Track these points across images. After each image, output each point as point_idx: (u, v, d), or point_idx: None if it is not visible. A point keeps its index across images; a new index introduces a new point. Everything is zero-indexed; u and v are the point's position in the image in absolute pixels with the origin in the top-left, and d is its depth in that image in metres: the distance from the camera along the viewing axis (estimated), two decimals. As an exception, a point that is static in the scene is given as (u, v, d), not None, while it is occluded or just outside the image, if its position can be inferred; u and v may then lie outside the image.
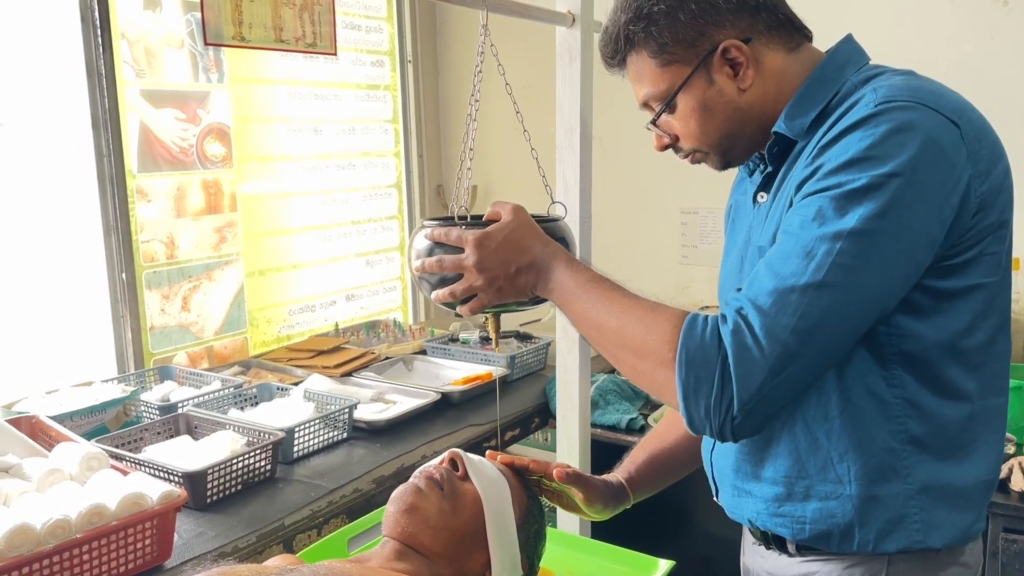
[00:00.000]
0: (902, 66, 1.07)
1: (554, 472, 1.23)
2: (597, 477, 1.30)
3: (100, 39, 2.24)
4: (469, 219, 1.20)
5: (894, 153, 0.91)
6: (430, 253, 1.14)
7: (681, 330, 0.95)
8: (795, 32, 1.10)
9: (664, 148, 1.18)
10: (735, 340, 0.92)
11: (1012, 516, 1.76)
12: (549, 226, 1.19)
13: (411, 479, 1.17)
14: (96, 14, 2.23)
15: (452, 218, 1.21)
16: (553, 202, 1.38)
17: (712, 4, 1.06)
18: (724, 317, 0.94)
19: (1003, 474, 1.77)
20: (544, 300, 1.14)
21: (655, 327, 0.98)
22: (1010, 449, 1.88)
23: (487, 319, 1.25)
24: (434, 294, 1.15)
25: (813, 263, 0.91)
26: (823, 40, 1.13)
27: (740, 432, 0.95)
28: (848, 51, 1.10)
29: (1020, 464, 1.81)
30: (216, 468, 1.65)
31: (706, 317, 0.96)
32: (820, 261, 0.91)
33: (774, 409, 0.95)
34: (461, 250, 1.11)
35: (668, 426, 1.37)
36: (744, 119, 1.10)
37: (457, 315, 1.25)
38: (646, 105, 1.16)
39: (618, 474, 1.33)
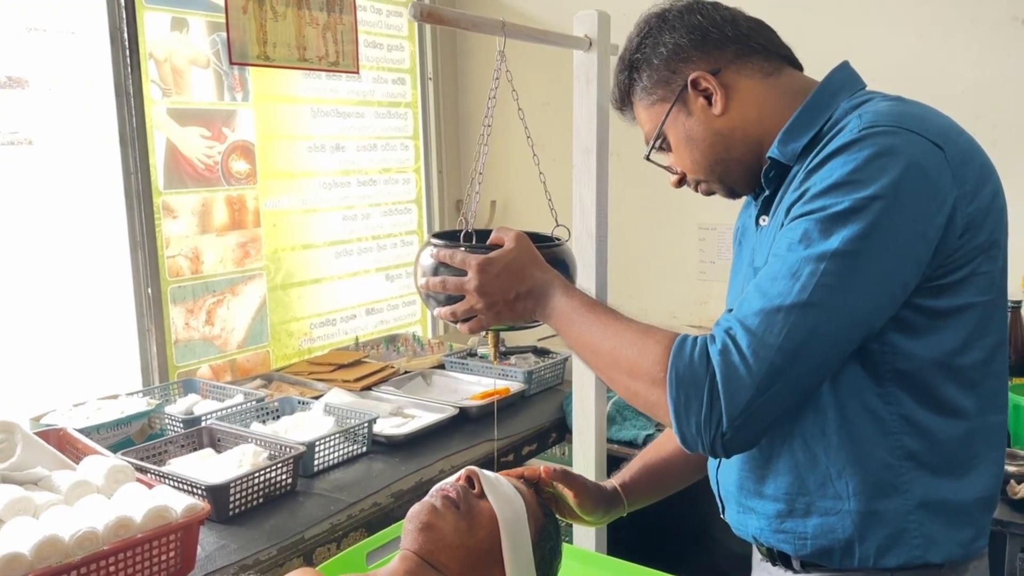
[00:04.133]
0: (920, 84, 1.09)
1: (541, 469, 1.27)
2: (589, 480, 1.34)
3: (128, 59, 2.30)
4: (475, 238, 1.23)
5: (876, 176, 0.94)
6: (435, 271, 1.20)
7: (671, 351, 0.99)
8: (771, 58, 1.15)
9: (679, 184, 1.27)
10: (723, 359, 0.95)
11: (1029, 536, 1.75)
12: (552, 250, 1.25)
13: (427, 497, 1.19)
14: (125, 35, 2.29)
15: (459, 233, 1.25)
16: (557, 225, 1.42)
17: (678, 44, 1.15)
18: (713, 337, 0.98)
19: (1021, 494, 1.76)
20: (541, 322, 1.19)
21: (646, 349, 1.02)
22: (1025, 468, 1.87)
23: (487, 335, 1.31)
24: (437, 311, 1.22)
25: (798, 284, 0.94)
26: (843, 61, 1.16)
27: (731, 448, 0.98)
28: (842, 78, 1.13)
29: (1036, 484, 1.80)
30: (239, 481, 1.68)
31: (695, 338, 1.00)
32: (805, 282, 0.94)
33: (763, 425, 0.97)
34: (465, 272, 1.17)
35: (668, 437, 1.40)
36: (727, 143, 1.15)
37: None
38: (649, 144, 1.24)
39: (613, 480, 1.37)
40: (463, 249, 1.18)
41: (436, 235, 1.26)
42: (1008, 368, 1.10)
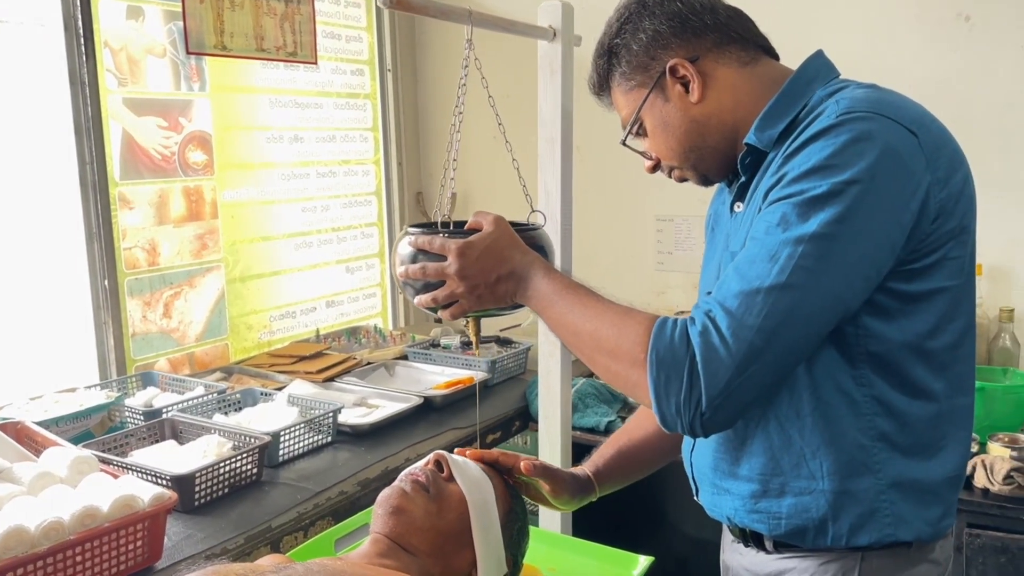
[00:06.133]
0: (870, 79, 1.13)
1: (522, 464, 1.28)
2: (564, 470, 1.35)
3: (83, 47, 2.26)
4: (452, 226, 1.24)
5: (853, 161, 0.97)
6: (414, 259, 1.19)
7: (652, 332, 1.00)
8: (748, 47, 1.17)
9: (653, 170, 1.27)
10: (702, 340, 0.96)
11: (975, 512, 1.83)
12: (529, 234, 1.24)
13: (397, 481, 1.20)
14: (79, 23, 2.25)
15: (435, 225, 1.25)
16: (533, 210, 1.43)
17: (658, 31, 1.16)
18: (693, 319, 0.99)
19: (966, 471, 1.83)
20: (522, 305, 1.19)
21: (627, 330, 1.03)
22: (973, 447, 1.95)
23: (468, 323, 1.29)
24: (417, 299, 1.20)
25: (777, 266, 0.96)
26: (794, 55, 1.19)
27: (709, 427, 0.99)
28: (817, 66, 1.16)
29: (983, 462, 1.88)
30: (204, 471, 1.67)
31: (675, 320, 1.01)
32: (783, 264, 0.96)
33: (742, 405, 0.99)
34: (444, 258, 1.16)
35: (638, 422, 1.41)
36: (703, 131, 1.17)
37: (436, 320, 1.30)
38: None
39: (586, 467, 1.38)
40: (442, 234, 1.18)
41: (412, 225, 1.25)
42: (975, 352, 1.13)
